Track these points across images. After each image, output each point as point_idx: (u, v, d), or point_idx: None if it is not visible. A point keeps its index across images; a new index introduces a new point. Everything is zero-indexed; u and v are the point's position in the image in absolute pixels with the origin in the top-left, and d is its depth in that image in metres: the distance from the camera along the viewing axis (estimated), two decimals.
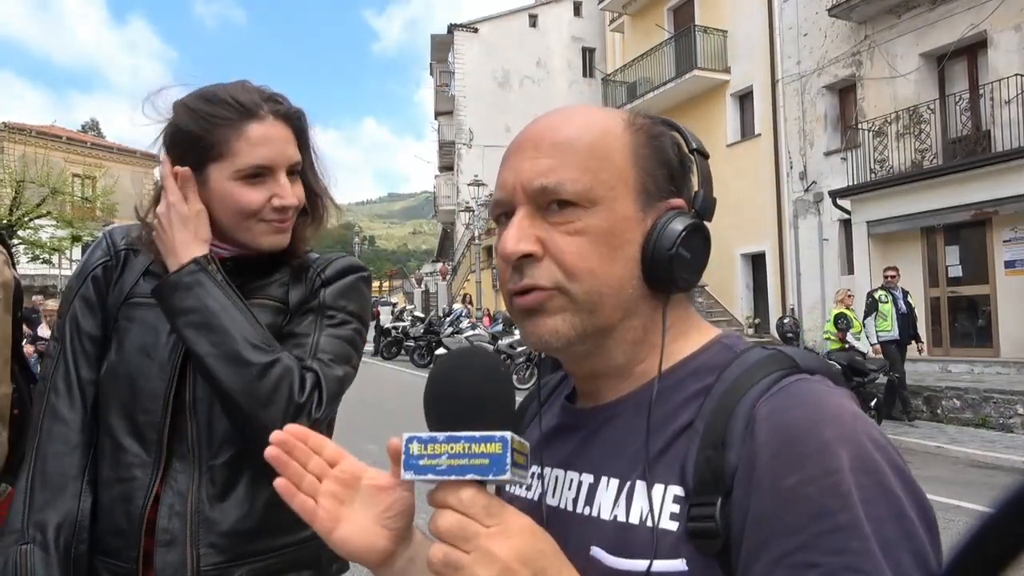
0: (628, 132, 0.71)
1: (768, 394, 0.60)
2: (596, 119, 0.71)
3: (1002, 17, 11.73)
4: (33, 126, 29.50)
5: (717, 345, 0.70)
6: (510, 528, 0.54)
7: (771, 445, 0.57)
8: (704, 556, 0.59)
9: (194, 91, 1.18)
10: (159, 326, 1.16)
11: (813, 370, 0.64)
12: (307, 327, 1.19)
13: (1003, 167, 10.99)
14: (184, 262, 1.10)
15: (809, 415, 0.58)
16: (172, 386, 1.13)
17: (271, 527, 1.15)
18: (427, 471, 0.55)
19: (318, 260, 1.28)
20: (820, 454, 0.55)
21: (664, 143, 0.72)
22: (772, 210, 16.10)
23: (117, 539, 1.11)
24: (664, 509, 0.62)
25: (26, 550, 1.06)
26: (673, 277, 0.68)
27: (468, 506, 0.54)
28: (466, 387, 0.58)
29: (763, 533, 0.55)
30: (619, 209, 0.68)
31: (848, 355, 9.12)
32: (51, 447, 1.13)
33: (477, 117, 29.50)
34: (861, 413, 0.59)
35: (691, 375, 0.68)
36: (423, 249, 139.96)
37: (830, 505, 0.53)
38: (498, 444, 0.54)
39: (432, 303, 30.16)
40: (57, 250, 24.32)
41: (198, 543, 1.09)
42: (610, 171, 0.68)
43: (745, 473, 0.58)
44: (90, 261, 1.24)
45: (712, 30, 17.65)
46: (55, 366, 1.17)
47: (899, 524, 0.53)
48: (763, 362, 0.64)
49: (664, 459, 0.64)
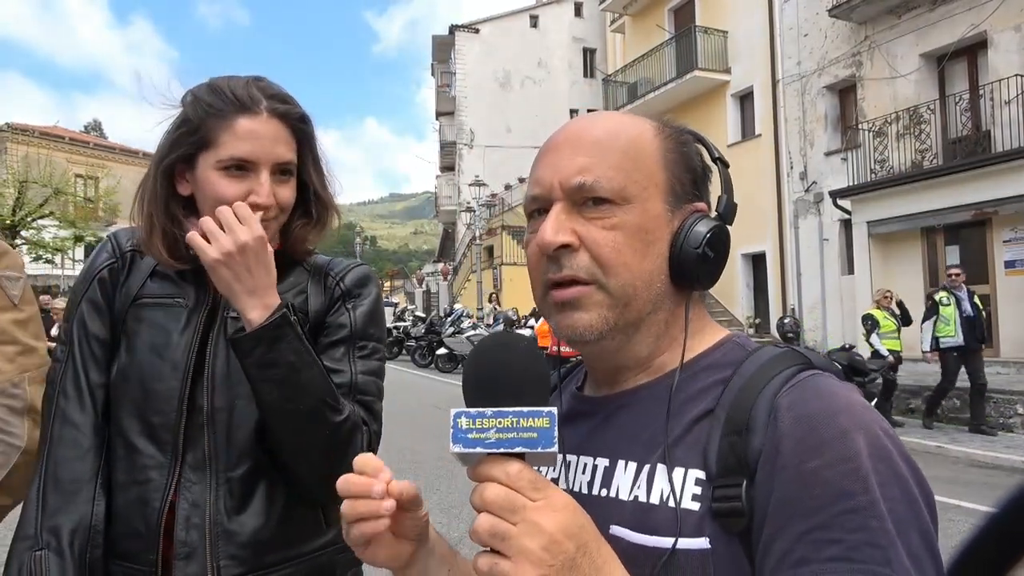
0: (659, 138, 0.76)
1: (788, 386, 0.66)
2: (629, 124, 0.76)
3: (1002, 17, 11.73)
4: (36, 127, 29.52)
5: (730, 343, 0.76)
6: (555, 503, 0.56)
7: (795, 433, 0.62)
8: (727, 535, 0.63)
9: (205, 81, 1.18)
10: (169, 326, 1.15)
11: (822, 367, 0.69)
12: (341, 360, 1.19)
13: (1003, 167, 10.99)
14: (270, 312, 1.06)
15: (827, 406, 0.63)
16: (186, 387, 1.12)
17: (288, 537, 1.14)
18: (476, 444, 0.56)
19: (333, 265, 1.27)
20: (839, 441, 0.60)
21: (690, 150, 0.78)
22: (772, 210, 16.10)
23: (134, 542, 1.09)
24: (686, 491, 0.66)
25: (40, 556, 1.04)
26: (698, 274, 0.74)
27: (515, 479, 0.55)
28: (511, 366, 0.60)
29: (786, 512, 0.59)
30: (650, 208, 0.73)
31: (848, 355, 9.12)
32: (62, 452, 1.11)
33: (478, 117, 29.50)
34: (869, 405, 0.65)
35: (707, 369, 0.73)
36: (424, 249, 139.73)
37: (850, 487, 0.58)
38: (546, 419, 0.56)
39: (433, 303, 30.15)
40: (60, 250, 24.35)
41: (218, 555, 1.09)
42: (642, 172, 0.74)
43: (769, 457, 0.62)
44: (96, 263, 1.22)
45: (712, 30, 17.65)
46: (63, 370, 1.16)
47: (909, 506, 0.58)
48: (779, 358, 0.69)
49: (683, 444, 0.69)
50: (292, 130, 1.17)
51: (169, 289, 1.19)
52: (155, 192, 1.17)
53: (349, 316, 1.22)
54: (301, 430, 1.08)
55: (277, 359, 1.05)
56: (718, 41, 17.63)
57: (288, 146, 1.16)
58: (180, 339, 1.15)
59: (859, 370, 8.85)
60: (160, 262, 1.18)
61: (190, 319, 1.16)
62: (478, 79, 29.57)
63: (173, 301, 1.18)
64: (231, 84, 1.15)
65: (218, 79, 1.17)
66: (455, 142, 30.09)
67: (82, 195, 26.89)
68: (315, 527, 1.19)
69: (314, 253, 1.28)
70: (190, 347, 1.14)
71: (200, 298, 1.18)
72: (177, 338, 1.15)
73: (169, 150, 1.15)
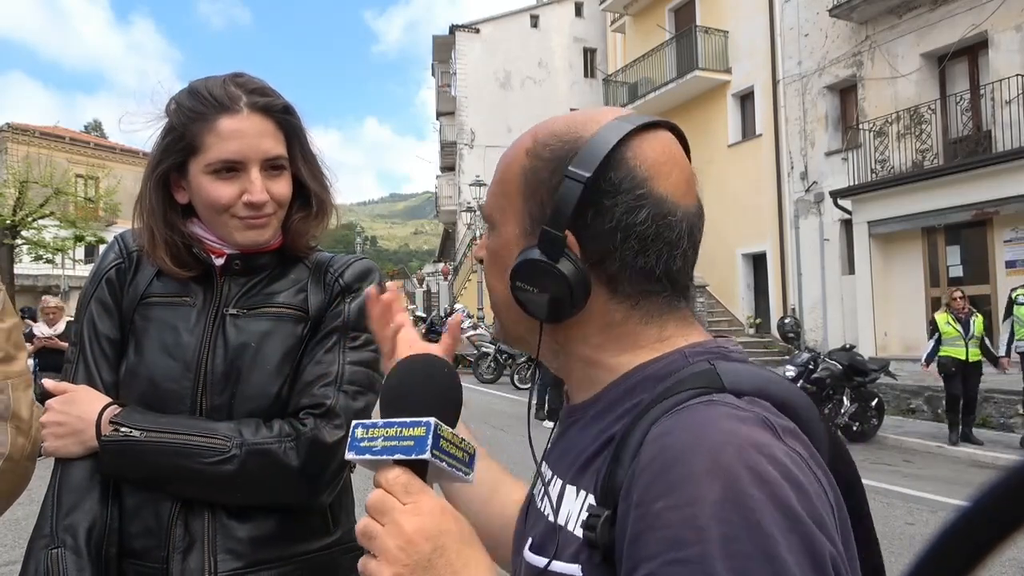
0: (527, 157, 0.71)
1: (668, 414, 0.59)
2: (517, 144, 0.74)
3: (1003, 17, 11.73)
4: (37, 127, 29.56)
5: (675, 354, 0.68)
6: (421, 507, 0.59)
7: (651, 467, 0.56)
8: (593, 566, 0.61)
9: (186, 86, 1.17)
10: (179, 325, 1.16)
11: (741, 391, 0.60)
12: (332, 351, 1.18)
13: (1004, 167, 11.00)
14: (104, 434, 1.09)
15: (689, 442, 0.55)
16: (197, 386, 1.13)
17: (289, 535, 1.14)
18: (365, 451, 0.62)
19: (334, 261, 1.27)
20: (687, 483, 0.53)
21: (549, 170, 0.69)
22: (773, 210, 16.10)
23: (146, 540, 1.10)
24: (581, 515, 0.64)
25: (57, 554, 1.05)
26: (525, 306, 0.70)
27: (391, 484, 0.60)
28: (409, 384, 0.67)
29: (633, 554, 0.55)
30: (504, 232, 0.72)
31: (849, 355, 9.11)
32: None
33: (479, 117, 29.51)
34: (761, 442, 0.55)
35: (638, 385, 0.67)
36: (425, 249, 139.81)
37: (684, 536, 0.52)
38: (422, 428, 0.61)
39: (434, 303, 30.16)
40: (60, 250, 24.35)
41: (216, 549, 1.09)
42: (506, 196, 0.73)
43: (626, 492, 0.58)
44: (103, 264, 1.23)
45: (713, 30, 17.66)
46: (75, 370, 1.17)
47: (768, 566, 0.50)
48: (688, 379, 0.63)
49: (591, 467, 0.66)
50: (277, 123, 1.16)
51: (176, 288, 1.20)
52: (152, 205, 1.17)
53: (345, 308, 1.22)
54: (203, 490, 1.10)
55: (140, 469, 1.10)
56: (719, 41, 17.63)
57: (275, 139, 1.15)
58: (190, 339, 1.15)
59: (859, 370, 8.85)
60: (165, 271, 1.19)
61: (199, 319, 1.17)
62: (478, 79, 29.57)
63: (180, 300, 1.19)
64: (208, 85, 1.14)
65: (196, 81, 1.17)
66: (455, 142, 30.09)
67: (82, 195, 26.90)
68: (321, 526, 1.19)
69: (316, 249, 1.28)
70: (201, 346, 1.15)
71: (207, 298, 1.19)
72: (187, 338, 1.15)
73: (159, 161, 1.16)
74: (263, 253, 1.21)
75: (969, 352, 8.39)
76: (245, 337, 1.15)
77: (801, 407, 0.62)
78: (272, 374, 1.15)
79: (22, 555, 1.10)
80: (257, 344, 1.15)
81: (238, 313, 1.17)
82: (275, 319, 1.18)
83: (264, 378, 1.14)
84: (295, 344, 1.17)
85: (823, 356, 9.12)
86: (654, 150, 0.68)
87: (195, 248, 1.18)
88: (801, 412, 0.62)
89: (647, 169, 0.67)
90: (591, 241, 0.67)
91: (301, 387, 1.16)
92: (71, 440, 1.10)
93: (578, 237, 0.67)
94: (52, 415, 1.12)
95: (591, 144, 0.67)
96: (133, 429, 1.09)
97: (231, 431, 1.10)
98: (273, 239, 1.21)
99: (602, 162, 0.65)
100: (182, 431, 1.09)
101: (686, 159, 0.71)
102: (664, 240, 0.67)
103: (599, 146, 0.66)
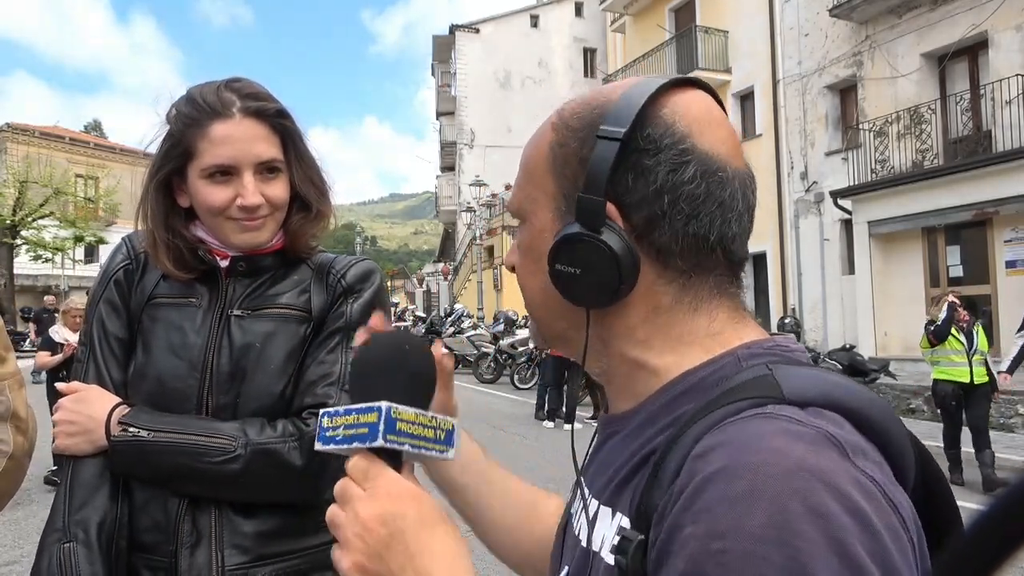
0: (553, 132, 0.64)
1: (714, 429, 0.51)
2: (544, 124, 0.67)
3: (1003, 17, 11.74)
4: (36, 127, 29.57)
5: (728, 357, 0.59)
6: (378, 492, 0.58)
7: (687, 490, 0.48)
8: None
9: (185, 92, 1.20)
10: (185, 325, 1.18)
11: (805, 401, 0.51)
12: (334, 352, 1.20)
13: (1004, 167, 11.00)
14: (113, 434, 1.12)
15: (729, 460, 0.47)
16: (203, 386, 1.16)
17: (295, 529, 1.17)
18: (330, 441, 0.61)
19: (336, 262, 1.28)
20: (719, 507, 0.45)
21: (579, 138, 0.62)
22: (773, 210, 16.10)
23: (154, 534, 1.13)
24: (613, 539, 0.56)
25: (69, 548, 1.08)
26: (570, 294, 0.61)
27: (353, 471, 0.60)
28: (372, 364, 0.64)
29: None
30: (536, 222, 0.65)
31: (849, 355, 9.13)
32: None
33: (479, 117, 29.53)
34: (821, 466, 0.45)
35: (684, 394, 0.59)
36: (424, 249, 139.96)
37: (709, 572, 0.44)
38: (374, 414, 0.58)
39: (434, 303, 30.18)
40: (60, 250, 24.40)
41: (222, 544, 1.12)
42: (533, 183, 0.65)
43: (661, 514, 0.50)
44: (111, 265, 1.26)
45: (713, 30, 17.67)
46: (85, 369, 1.20)
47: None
48: (740, 387, 0.54)
49: (629, 486, 0.59)
50: (271, 127, 1.18)
51: (182, 289, 1.22)
52: (153, 209, 1.20)
53: (347, 309, 1.23)
54: (209, 488, 1.13)
55: (149, 467, 1.13)
56: (719, 41, 17.64)
57: (268, 143, 1.17)
58: (197, 339, 1.18)
59: (859, 370, 8.87)
60: (168, 275, 1.21)
61: (204, 320, 1.19)
62: (478, 79, 29.59)
63: (187, 301, 1.21)
64: (203, 92, 1.17)
65: (193, 88, 1.19)
66: (455, 142, 30.11)
67: (82, 195, 26.92)
68: (323, 522, 1.19)
69: (318, 250, 1.29)
70: (208, 346, 1.17)
71: (212, 299, 1.21)
72: (194, 338, 1.18)
73: (158, 167, 1.19)
74: (266, 255, 1.23)
75: (974, 372, 6.81)
76: (250, 337, 1.18)
77: (879, 419, 0.53)
78: (276, 374, 1.17)
79: (22, 555, 1.11)
80: (261, 344, 1.17)
81: (243, 314, 1.19)
82: (279, 320, 1.20)
83: (268, 378, 1.16)
84: (298, 344, 1.19)
85: (823, 356, 9.14)
86: (695, 105, 0.61)
87: (200, 251, 1.20)
88: (879, 425, 0.52)
89: (688, 124, 0.59)
90: (635, 209, 0.59)
91: (304, 387, 1.18)
92: (82, 439, 1.13)
93: (619, 206, 0.59)
94: (64, 414, 1.14)
95: (621, 101, 0.60)
96: (141, 429, 1.12)
97: (236, 431, 1.12)
98: (271, 241, 1.22)
99: (636, 117, 0.58)
100: (188, 431, 1.12)
101: (728, 120, 0.64)
102: (716, 200, 0.59)
103: (632, 102, 0.59)
